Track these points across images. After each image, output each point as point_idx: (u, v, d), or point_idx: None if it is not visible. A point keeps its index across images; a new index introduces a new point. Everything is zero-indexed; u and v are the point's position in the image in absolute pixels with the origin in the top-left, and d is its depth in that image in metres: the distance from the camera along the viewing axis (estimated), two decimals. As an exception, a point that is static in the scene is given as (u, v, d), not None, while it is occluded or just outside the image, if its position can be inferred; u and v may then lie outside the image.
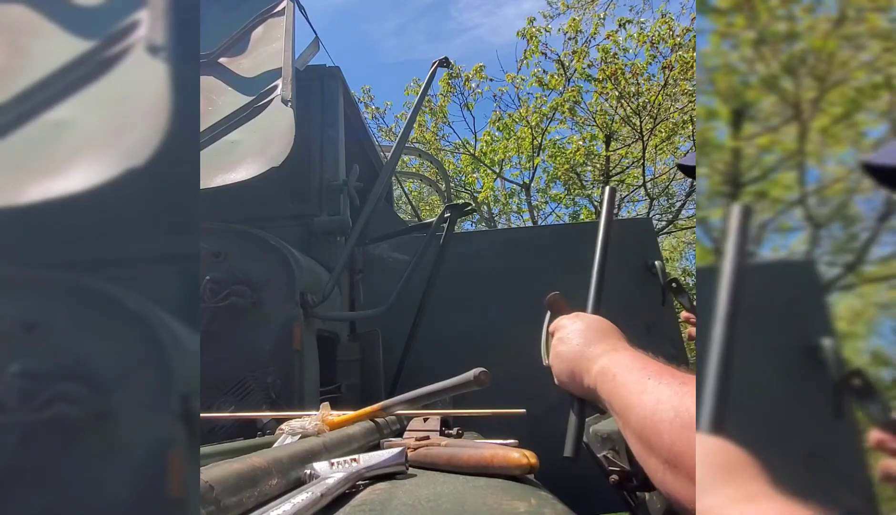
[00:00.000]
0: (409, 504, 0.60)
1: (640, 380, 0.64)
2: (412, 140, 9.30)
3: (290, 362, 1.70)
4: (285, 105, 1.84)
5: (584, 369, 0.80)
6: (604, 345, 0.80)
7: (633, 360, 0.71)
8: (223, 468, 0.57)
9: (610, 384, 0.71)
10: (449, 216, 2.34)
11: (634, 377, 0.66)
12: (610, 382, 0.71)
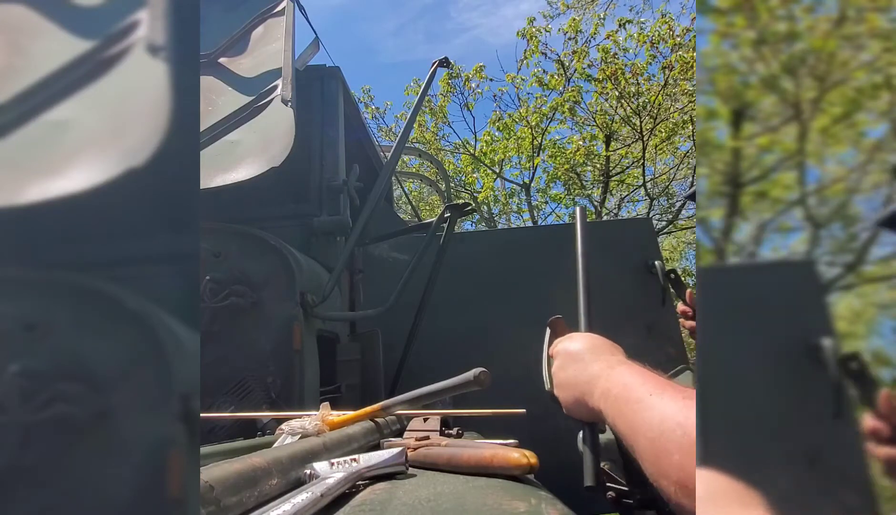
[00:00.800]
0: (409, 504, 0.60)
1: (642, 398, 0.64)
2: (412, 140, 9.30)
3: (290, 362, 1.70)
4: (285, 105, 1.84)
5: (587, 392, 0.79)
6: (600, 363, 0.79)
7: (632, 375, 0.70)
8: (223, 468, 0.57)
9: (613, 407, 0.70)
10: (449, 216, 2.34)
11: (635, 394, 0.66)
12: (612, 404, 0.70)
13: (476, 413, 1.31)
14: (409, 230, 2.77)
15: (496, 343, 2.42)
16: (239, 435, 1.47)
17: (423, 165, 9.35)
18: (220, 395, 1.65)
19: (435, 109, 9.98)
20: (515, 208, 10.96)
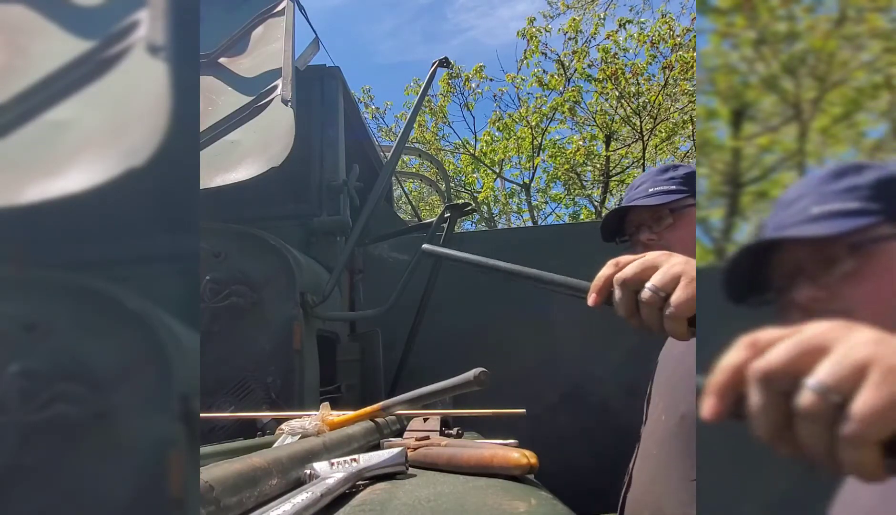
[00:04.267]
0: (409, 504, 0.60)
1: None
2: (412, 140, 9.30)
3: (290, 362, 1.70)
4: (285, 105, 1.84)
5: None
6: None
7: None
8: (223, 468, 0.57)
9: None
10: (449, 216, 2.34)
11: None
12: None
13: (476, 413, 1.31)
14: (409, 230, 2.77)
15: (496, 343, 2.42)
16: (239, 435, 1.47)
17: (423, 165, 9.35)
18: (220, 395, 1.65)
19: (435, 109, 9.98)
20: (515, 208, 10.96)
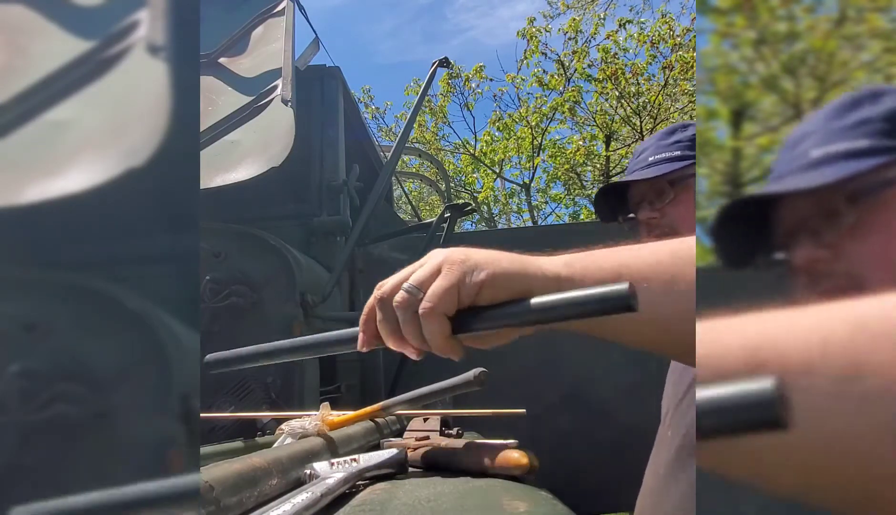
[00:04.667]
0: (409, 504, 0.60)
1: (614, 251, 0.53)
2: (412, 140, 9.30)
3: (290, 362, 1.70)
4: (285, 105, 1.84)
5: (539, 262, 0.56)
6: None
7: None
8: (223, 468, 0.57)
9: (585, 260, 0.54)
10: (449, 216, 2.34)
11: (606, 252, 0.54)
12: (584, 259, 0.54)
13: (476, 413, 1.31)
14: (409, 230, 2.77)
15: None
16: (239, 435, 1.47)
17: (423, 165, 9.35)
18: (220, 395, 1.65)
19: (435, 109, 9.98)
20: (515, 208, 10.97)
